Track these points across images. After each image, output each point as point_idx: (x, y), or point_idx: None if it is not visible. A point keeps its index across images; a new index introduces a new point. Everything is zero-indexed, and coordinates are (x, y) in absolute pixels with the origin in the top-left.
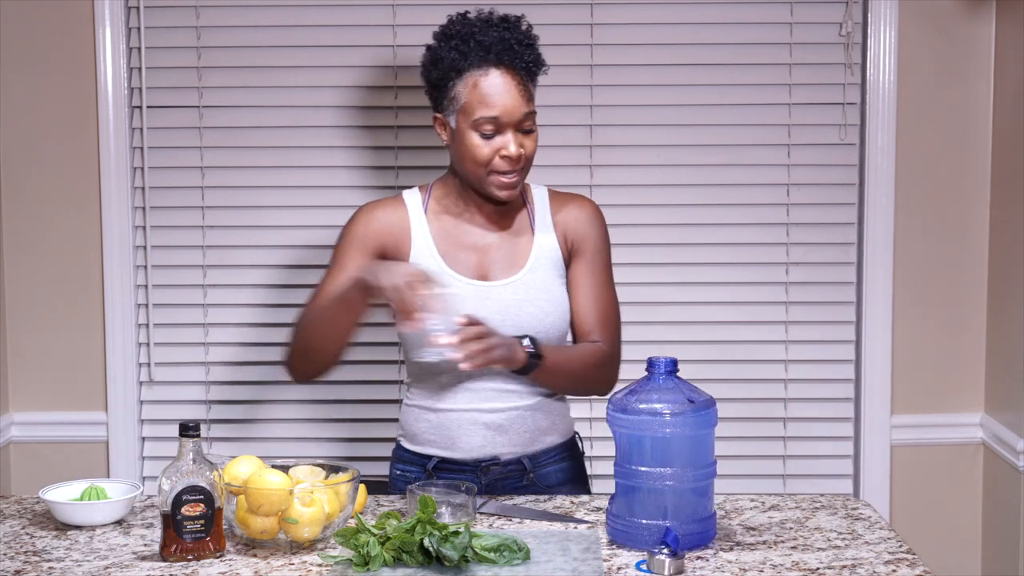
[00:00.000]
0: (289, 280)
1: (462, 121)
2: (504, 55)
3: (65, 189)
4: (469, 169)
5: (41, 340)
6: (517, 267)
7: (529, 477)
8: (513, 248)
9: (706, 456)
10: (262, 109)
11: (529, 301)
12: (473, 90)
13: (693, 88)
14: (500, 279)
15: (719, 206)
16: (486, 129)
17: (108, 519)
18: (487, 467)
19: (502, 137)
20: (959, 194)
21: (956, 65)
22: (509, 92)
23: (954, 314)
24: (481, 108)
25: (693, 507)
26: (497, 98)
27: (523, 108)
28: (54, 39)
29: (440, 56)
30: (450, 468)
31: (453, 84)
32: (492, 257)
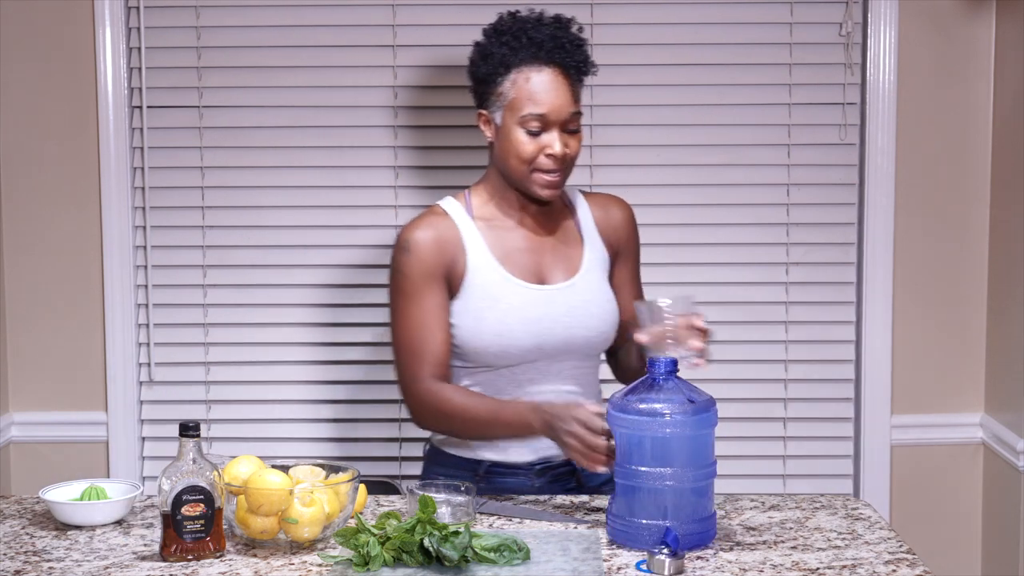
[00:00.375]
0: (289, 280)
1: (508, 117)
2: (555, 53)
3: (65, 189)
4: (513, 166)
5: (41, 340)
6: (573, 269)
7: (578, 478)
8: (566, 250)
9: (706, 456)
10: (262, 109)
11: (592, 302)
12: (522, 86)
13: (693, 88)
14: (559, 281)
15: (719, 206)
16: (532, 126)
17: (108, 519)
18: (541, 470)
19: (548, 135)
20: (959, 194)
21: (956, 65)
22: (558, 90)
23: (954, 314)
24: (529, 105)
25: (693, 507)
26: (545, 95)
27: (570, 107)
28: (54, 39)
29: (490, 52)
30: (502, 472)
31: (502, 80)
32: (547, 260)
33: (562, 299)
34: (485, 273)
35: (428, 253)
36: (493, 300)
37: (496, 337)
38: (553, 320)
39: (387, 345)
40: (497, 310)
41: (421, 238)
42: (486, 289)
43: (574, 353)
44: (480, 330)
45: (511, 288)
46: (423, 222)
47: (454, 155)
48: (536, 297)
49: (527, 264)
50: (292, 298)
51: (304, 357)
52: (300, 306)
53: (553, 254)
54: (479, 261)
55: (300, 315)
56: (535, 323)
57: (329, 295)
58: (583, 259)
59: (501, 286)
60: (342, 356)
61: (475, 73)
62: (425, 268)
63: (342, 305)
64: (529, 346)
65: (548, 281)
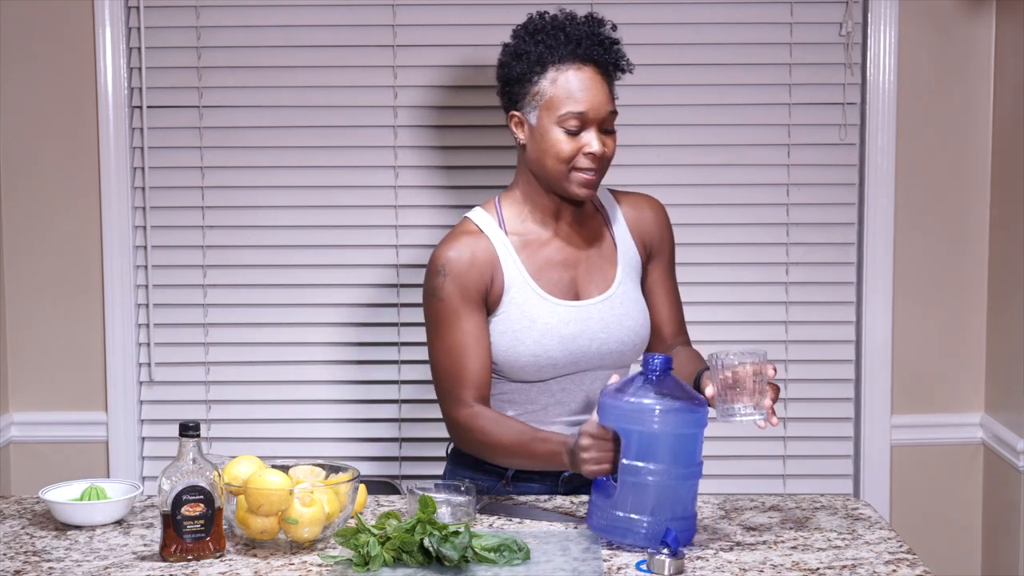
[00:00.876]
0: (289, 280)
1: (545, 117)
2: (594, 50)
3: (65, 189)
4: (550, 166)
5: (41, 340)
6: (608, 281)
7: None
8: (600, 260)
9: (691, 456)
10: (262, 109)
11: (627, 315)
12: (561, 84)
13: (693, 88)
14: (595, 296)
15: (719, 206)
16: (571, 125)
17: (108, 519)
18: (568, 477)
19: (586, 134)
20: (959, 194)
21: (956, 65)
22: (596, 88)
23: (954, 314)
24: (568, 103)
25: (673, 505)
26: (584, 93)
27: (608, 106)
28: (54, 39)
29: (525, 50)
30: (528, 477)
31: (538, 79)
32: (582, 273)
33: (597, 315)
34: (521, 292)
35: (464, 276)
36: (530, 321)
37: (533, 358)
38: (589, 337)
39: (388, 345)
40: (534, 331)
41: (456, 260)
42: (522, 309)
43: (610, 365)
44: (517, 351)
45: (547, 307)
46: (457, 242)
47: (454, 155)
48: (572, 315)
49: (561, 280)
50: (292, 298)
51: (304, 357)
52: (300, 306)
53: (587, 267)
54: (515, 280)
55: (300, 315)
56: (571, 341)
57: (329, 295)
58: (617, 270)
59: (537, 306)
60: (342, 356)
61: (507, 74)
62: (462, 291)
63: (342, 305)
64: (565, 363)
65: (582, 295)
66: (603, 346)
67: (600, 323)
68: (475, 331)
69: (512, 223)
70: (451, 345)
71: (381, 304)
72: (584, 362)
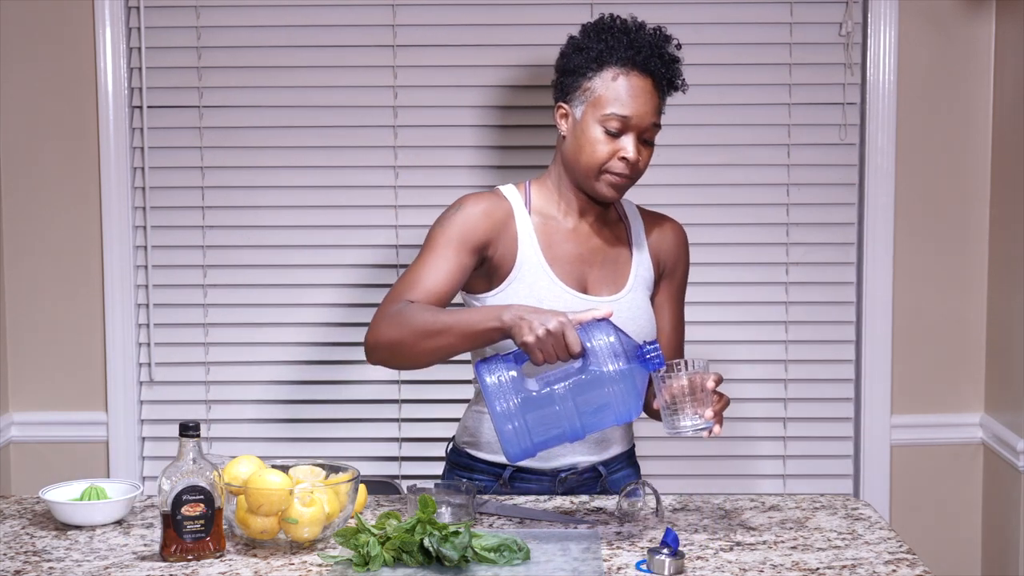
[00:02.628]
0: (289, 280)
1: (590, 113)
2: (651, 61)
3: (65, 189)
4: (584, 163)
5: (41, 340)
6: (619, 285)
7: (603, 484)
8: (615, 263)
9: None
10: (262, 109)
11: (633, 320)
12: (611, 85)
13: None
14: (603, 295)
15: (719, 206)
16: (612, 126)
17: (108, 519)
18: (566, 476)
19: (625, 138)
20: (959, 194)
21: (956, 65)
22: (645, 96)
23: (954, 314)
24: (615, 104)
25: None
26: (633, 99)
27: (651, 117)
28: (54, 39)
29: (586, 46)
30: (526, 478)
31: (592, 75)
32: (595, 271)
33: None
34: (532, 271)
35: (475, 220)
36: (537, 301)
37: None
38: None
39: None
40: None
41: (474, 205)
42: (532, 288)
43: None
44: None
45: (558, 294)
46: (483, 196)
47: (455, 155)
48: (580, 306)
49: (574, 271)
50: (292, 298)
51: (304, 357)
52: (300, 306)
53: (601, 266)
54: (529, 257)
55: (300, 315)
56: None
57: (329, 295)
58: (629, 276)
59: (547, 288)
60: (342, 356)
61: (565, 65)
62: (465, 231)
63: (342, 305)
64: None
65: (591, 292)
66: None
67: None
68: (453, 267)
69: (537, 205)
70: (424, 265)
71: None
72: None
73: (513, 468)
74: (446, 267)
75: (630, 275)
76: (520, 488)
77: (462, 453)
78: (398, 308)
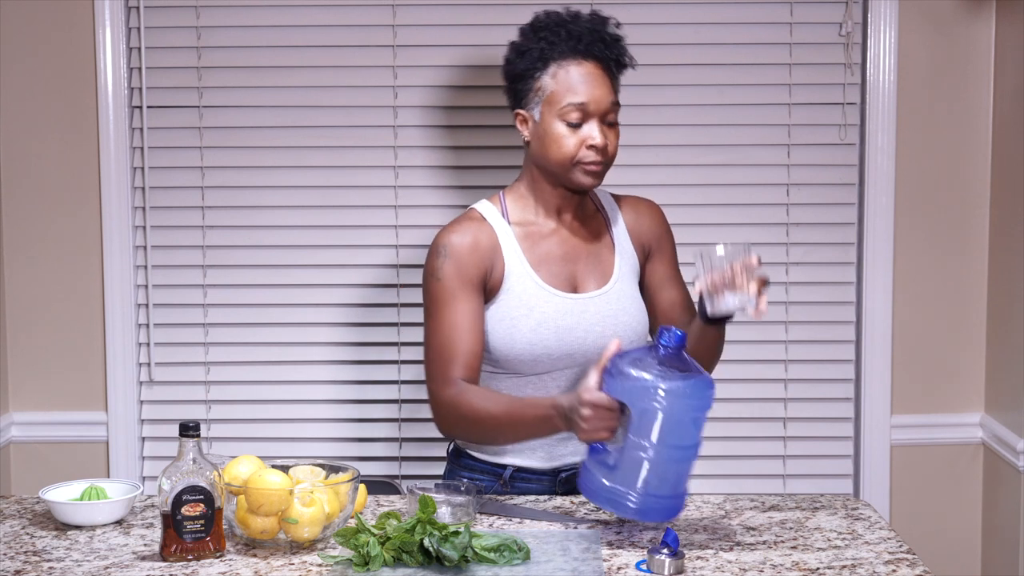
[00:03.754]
0: (289, 280)
1: (547, 112)
2: (594, 46)
3: (65, 189)
4: (555, 160)
5: (41, 340)
6: (606, 277)
7: None
8: (599, 257)
9: (691, 437)
10: (262, 109)
11: (623, 310)
12: (562, 79)
13: (693, 88)
14: (592, 290)
15: (719, 206)
16: (573, 117)
17: (108, 519)
18: (567, 476)
19: (588, 126)
20: (959, 194)
21: (956, 65)
22: (597, 81)
23: (954, 314)
24: (569, 95)
25: (667, 483)
26: (585, 86)
27: (609, 98)
28: (54, 39)
29: (527, 48)
30: (526, 477)
31: (540, 74)
32: (581, 267)
33: (595, 308)
34: (520, 280)
35: (464, 259)
36: (528, 309)
37: (529, 346)
38: (586, 330)
39: (388, 345)
40: (531, 319)
41: (458, 243)
42: (521, 298)
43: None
44: (513, 338)
45: (545, 297)
46: (460, 227)
47: (454, 155)
48: (570, 307)
49: (561, 271)
50: (292, 298)
51: (304, 357)
52: (300, 306)
53: (587, 261)
54: (515, 268)
55: (300, 315)
56: (568, 332)
57: (329, 295)
58: (615, 267)
59: (536, 295)
60: (342, 356)
61: (511, 71)
62: (461, 274)
63: (342, 305)
64: (560, 355)
65: (581, 289)
66: (599, 339)
67: (596, 316)
68: (470, 314)
69: (515, 214)
70: (445, 326)
71: (381, 304)
72: (579, 355)
73: (514, 468)
74: (465, 321)
75: (615, 266)
76: (521, 488)
77: (463, 453)
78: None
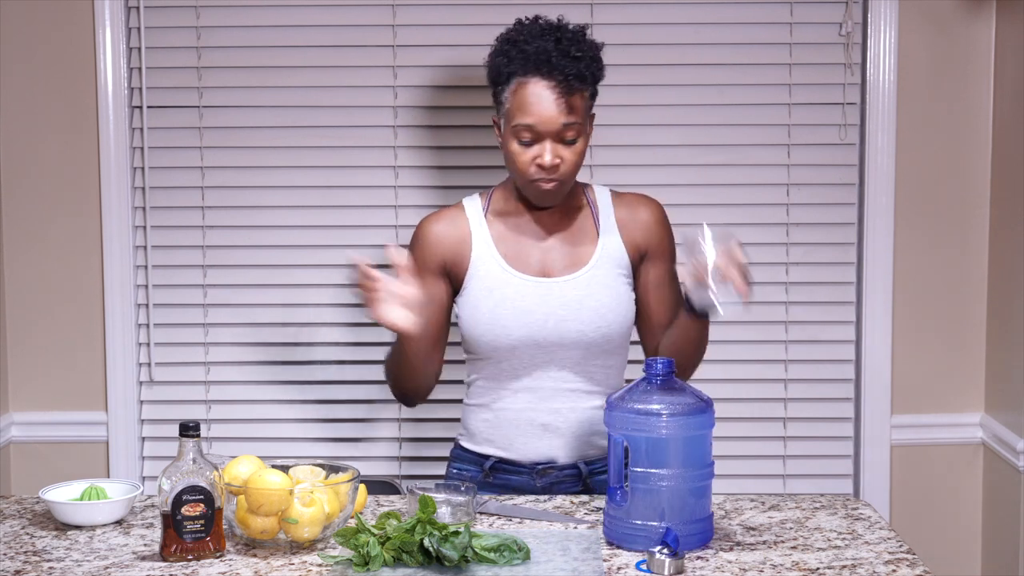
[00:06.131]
0: (289, 280)
1: (507, 126)
2: (543, 65)
3: (65, 189)
4: (513, 172)
5: (41, 340)
6: (580, 265)
7: (585, 483)
8: (576, 247)
9: (703, 457)
10: (262, 109)
11: (591, 296)
12: (514, 97)
13: (693, 88)
14: (563, 275)
15: (719, 206)
16: (524, 136)
17: (108, 519)
18: (544, 470)
19: (539, 145)
20: (959, 193)
21: (956, 65)
22: (544, 102)
23: (954, 314)
24: (519, 115)
25: (691, 508)
26: (533, 107)
27: (560, 119)
28: (54, 39)
29: (495, 61)
30: (507, 469)
31: (503, 89)
32: (554, 256)
33: (559, 292)
34: (487, 266)
35: (431, 245)
36: (488, 291)
37: (489, 326)
38: (546, 313)
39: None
40: (491, 300)
41: (429, 230)
42: (484, 281)
43: (572, 347)
44: (476, 319)
45: (507, 279)
46: (437, 215)
47: (454, 155)
48: (532, 289)
49: (532, 258)
50: (292, 298)
51: (304, 357)
52: (300, 306)
53: (560, 248)
54: (483, 254)
55: (300, 315)
56: (527, 314)
57: (329, 295)
58: (593, 256)
59: (499, 277)
60: (342, 356)
61: (489, 79)
62: (425, 258)
63: (342, 305)
64: (521, 336)
65: (551, 275)
66: (560, 324)
67: (560, 300)
68: (428, 294)
69: (498, 204)
70: None
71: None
72: (542, 339)
73: (496, 459)
74: (428, 296)
75: (594, 254)
76: (501, 479)
77: (456, 444)
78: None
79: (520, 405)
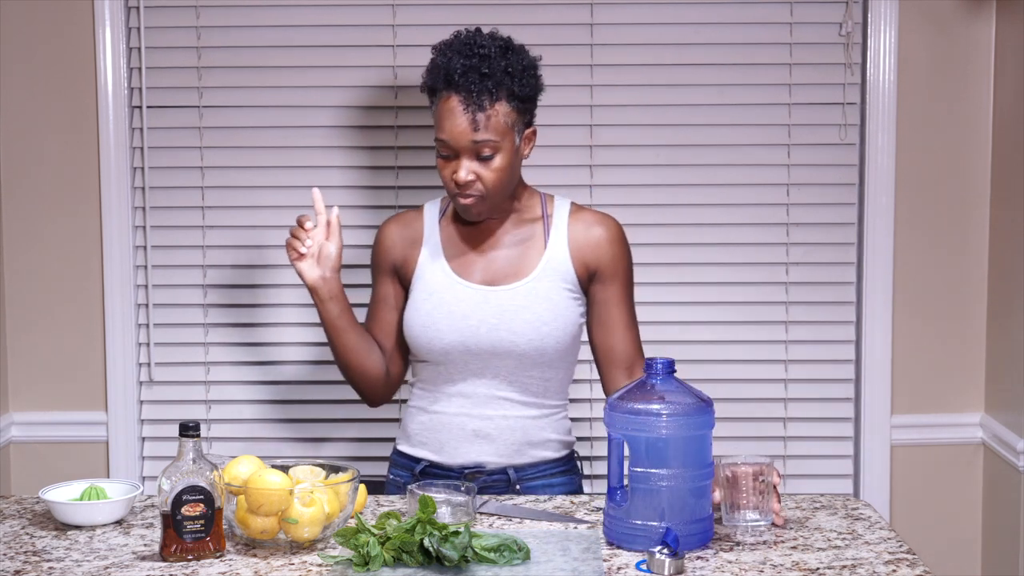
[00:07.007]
0: (289, 280)
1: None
2: (452, 81)
3: (65, 189)
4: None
5: (41, 340)
6: (522, 275)
7: (515, 489)
8: (522, 256)
9: (704, 457)
10: (262, 109)
11: (528, 308)
12: (436, 111)
13: (693, 88)
14: (505, 284)
15: (719, 206)
16: (442, 151)
17: (108, 519)
18: (471, 474)
19: (456, 161)
20: (959, 194)
21: (956, 65)
22: (455, 119)
23: (954, 314)
24: (437, 129)
25: (691, 508)
26: (445, 122)
27: (470, 136)
28: (54, 39)
29: (426, 74)
30: (436, 473)
31: (433, 102)
32: (499, 264)
33: (496, 301)
34: (431, 269)
35: (384, 246)
36: (428, 294)
37: (423, 329)
38: (479, 320)
39: None
40: (429, 303)
41: (383, 232)
42: (427, 284)
43: (506, 356)
44: (412, 321)
45: (447, 284)
46: (395, 218)
47: None
48: (469, 295)
49: (477, 266)
50: (292, 298)
51: (304, 357)
52: (300, 306)
53: (507, 260)
54: (429, 258)
55: (300, 315)
56: (460, 320)
57: None
58: (537, 267)
59: (441, 282)
60: None
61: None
62: (379, 258)
63: None
64: (452, 341)
65: (496, 283)
66: (492, 332)
67: (496, 309)
68: (382, 295)
69: (451, 212)
70: (374, 296)
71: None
72: (474, 347)
73: (426, 463)
74: (381, 296)
75: (537, 266)
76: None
77: (394, 448)
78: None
79: (454, 410)
